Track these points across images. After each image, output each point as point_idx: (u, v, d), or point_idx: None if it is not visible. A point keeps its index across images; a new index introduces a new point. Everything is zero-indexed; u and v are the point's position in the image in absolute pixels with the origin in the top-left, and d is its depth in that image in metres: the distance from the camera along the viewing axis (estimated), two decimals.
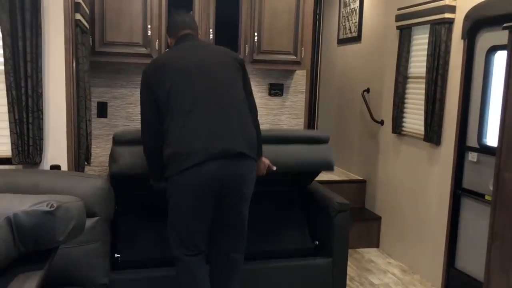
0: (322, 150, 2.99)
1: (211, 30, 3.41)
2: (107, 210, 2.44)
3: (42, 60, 2.47)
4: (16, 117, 2.44)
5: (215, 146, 2.24)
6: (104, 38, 3.25)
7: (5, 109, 2.45)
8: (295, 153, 2.90)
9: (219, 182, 2.26)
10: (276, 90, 3.92)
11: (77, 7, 2.61)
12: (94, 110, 3.54)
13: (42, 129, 2.50)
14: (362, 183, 4.53)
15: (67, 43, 2.54)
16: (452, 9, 3.26)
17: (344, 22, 4.98)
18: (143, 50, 3.32)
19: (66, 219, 1.71)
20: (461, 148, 3.23)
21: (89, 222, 2.21)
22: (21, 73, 2.41)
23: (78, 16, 2.63)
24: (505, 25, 2.02)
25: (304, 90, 3.97)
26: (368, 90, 4.45)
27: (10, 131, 2.45)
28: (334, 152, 5.35)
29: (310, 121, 5.55)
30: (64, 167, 2.61)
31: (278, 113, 3.96)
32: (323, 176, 4.72)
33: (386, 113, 4.12)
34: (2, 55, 2.40)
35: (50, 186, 2.22)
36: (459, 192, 3.24)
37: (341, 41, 5.08)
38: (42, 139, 2.52)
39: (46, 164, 2.59)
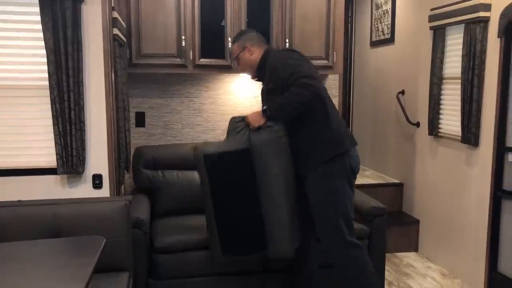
0: None
1: None
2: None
3: (83, 74, 2.60)
4: (60, 129, 2.57)
5: None
6: (140, 51, 3.36)
7: (49, 122, 2.58)
8: None
9: None
10: None
11: (114, 23, 2.73)
12: (132, 120, 3.66)
13: (84, 140, 2.63)
14: (399, 186, 4.47)
15: (106, 57, 2.66)
16: (487, 7, 3.20)
17: (377, 24, 4.95)
18: (178, 60, 3.41)
19: None
20: (501, 149, 3.15)
21: None
22: (64, 87, 2.55)
23: (115, 31, 2.75)
24: None
25: (337, 94, 3.96)
26: (403, 92, 4.40)
27: (55, 143, 2.58)
28: (370, 155, 5.32)
29: None
30: (106, 176, 2.73)
31: None
32: (359, 180, 4.69)
33: (421, 115, 4.06)
34: (46, 71, 2.54)
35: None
36: (499, 194, 3.16)
37: (374, 43, 5.04)
38: (85, 149, 2.64)
39: (88, 173, 2.71)
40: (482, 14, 3.20)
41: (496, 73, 3.16)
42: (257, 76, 2.82)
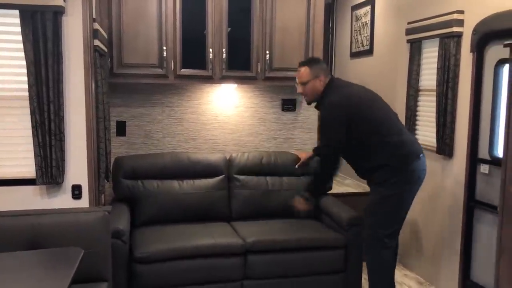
0: None
1: (224, 49, 3.52)
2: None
3: (63, 85, 2.61)
4: (40, 140, 2.58)
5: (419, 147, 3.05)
6: (121, 61, 3.39)
7: (29, 132, 2.59)
8: None
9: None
10: (288, 105, 4.00)
11: (95, 34, 2.75)
12: (113, 129, 3.68)
13: (64, 150, 2.64)
14: None
15: (87, 68, 2.68)
16: (460, 23, 3.30)
17: (356, 35, 5.05)
18: (159, 71, 3.44)
19: None
20: (473, 160, 3.25)
21: None
22: (44, 98, 2.56)
23: (96, 42, 2.77)
24: (506, 43, 2.06)
25: None
26: None
27: (35, 154, 2.59)
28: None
29: None
30: (85, 186, 2.74)
31: (291, 128, 4.04)
32: (339, 188, 4.76)
33: None
34: (27, 82, 2.55)
35: None
36: (472, 204, 3.25)
37: (354, 55, 5.13)
38: (64, 160, 2.65)
39: (68, 184, 2.72)
40: (455, 29, 3.30)
41: (469, 86, 3.26)
42: (315, 102, 3.13)
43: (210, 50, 3.50)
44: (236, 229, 3.34)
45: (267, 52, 3.59)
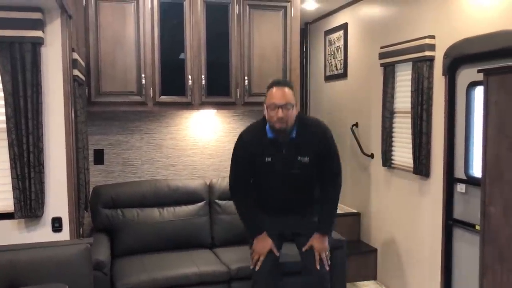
0: None
1: (203, 75, 3.54)
2: None
3: (42, 116, 2.56)
4: (18, 172, 2.51)
5: None
6: (99, 89, 3.36)
7: (7, 165, 2.52)
8: None
9: None
10: None
11: (74, 64, 2.73)
12: (91, 158, 3.62)
13: (44, 183, 2.58)
14: (356, 215, 4.59)
15: (66, 98, 2.65)
16: (431, 47, 3.42)
17: (330, 59, 5.15)
18: (137, 98, 3.43)
19: None
20: (450, 180, 3.33)
21: None
22: (22, 130, 2.50)
23: (75, 72, 2.74)
24: (479, 69, 2.15)
25: None
26: (356, 125, 4.57)
27: (13, 187, 2.52)
28: None
29: None
30: (65, 218, 2.67)
31: None
32: None
33: (375, 147, 4.23)
34: (4, 113, 2.49)
35: None
36: (450, 222, 3.32)
37: (328, 78, 5.23)
38: (44, 192, 2.59)
39: (47, 217, 2.65)
40: (427, 53, 3.41)
41: (442, 108, 3.36)
42: (286, 135, 2.67)
43: (189, 76, 3.51)
44: (219, 256, 3.31)
45: (246, 77, 3.63)
